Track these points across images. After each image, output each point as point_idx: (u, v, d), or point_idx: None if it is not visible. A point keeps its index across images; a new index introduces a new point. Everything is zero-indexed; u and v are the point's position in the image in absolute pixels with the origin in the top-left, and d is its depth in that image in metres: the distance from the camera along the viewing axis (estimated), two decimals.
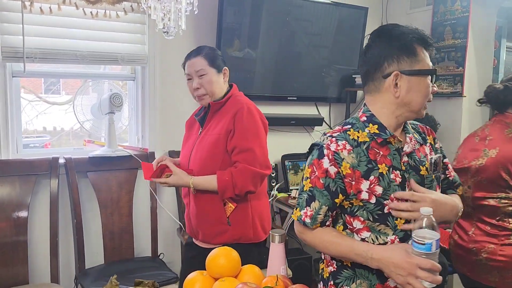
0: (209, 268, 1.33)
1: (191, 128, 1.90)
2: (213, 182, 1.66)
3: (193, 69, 1.76)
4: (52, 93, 3.28)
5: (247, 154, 1.66)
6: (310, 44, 3.02)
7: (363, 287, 1.22)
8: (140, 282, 1.26)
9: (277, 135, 3.10)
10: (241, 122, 1.68)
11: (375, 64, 1.20)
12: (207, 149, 1.72)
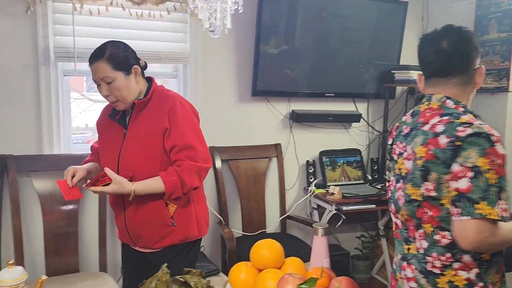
0: (253, 259, 1.38)
1: (108, 130, 1.69)
2: (158, 185, 1.54)
3: (98, 76, 1.57)
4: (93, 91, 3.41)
5: (189, 151, 1.57)
6: (347, 40, 3.01)
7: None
8: (189, 271, 1.32)
9: (315, 131, 3.11)
10: (177, 119, 1.58)
11: (467, 60, 1.23)
12: (143, 151, 1.58)
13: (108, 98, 1.59)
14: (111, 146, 1.64)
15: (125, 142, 1.61)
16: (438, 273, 1.18)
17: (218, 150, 2.78)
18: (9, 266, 1.09)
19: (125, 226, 1.66)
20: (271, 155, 2.96)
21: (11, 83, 2.31)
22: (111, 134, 1.67)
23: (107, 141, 1.68)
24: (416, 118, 1.27)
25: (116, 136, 1.64)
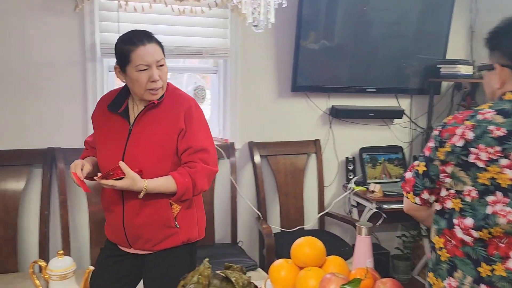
0: (294, 257, 1.37)
1: (108, 123, 1.58)
2: (170, 185, 1.49)
3: (154, 58, 1.48)
4: None
5: (203, 154, 1.54)
6: (389, 34, 2.92)
7: None
8: (230, 266, 1.32)
9: (355, 127, 3.05)
10: (192, 121, 1.54)
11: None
12: (155, 151, 1.52)
13: (156, 83, 1.49)
14: (113, 140, 1.55)
15: (131, 138, 1.53)
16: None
17: (257, 145, 2.78)
18: (58, 256, 1.13)
19: (122, 226, 1.56)
20: (310, 151, 2.93)
21: (60, 78, 2.40)
22: (112, 127, 1.57)
23: (108, 135, 1.57)
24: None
25: (119, 130, 1.55)
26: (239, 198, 2.72)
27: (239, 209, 2.72)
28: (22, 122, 2.38)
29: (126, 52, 1.47)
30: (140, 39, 1.48)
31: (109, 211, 1.60)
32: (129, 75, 1.49)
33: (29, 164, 2.37)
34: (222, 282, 1.25)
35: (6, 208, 2.29)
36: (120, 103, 1.57)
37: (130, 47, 1.46)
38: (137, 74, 1.47)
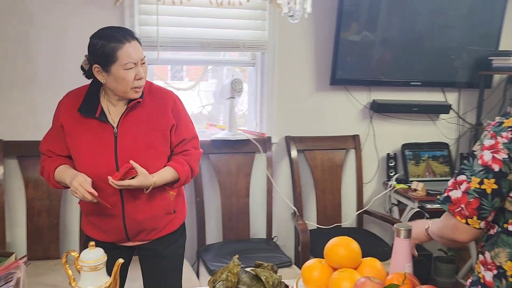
0: (328, 257, 1.31)
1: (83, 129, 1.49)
2: (172, 175, 1.53)
3: (139, 56, 1.45)
4: (176, 79, 3.53)
5: (194, 141, 1.63)
6: (437, 24, 2.77)
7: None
8: (260, 264, 1.29)
9: (398, 122, 2.92)
10: (180, 114, 1.58)
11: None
12: (150, 150, 1.51)
13: (140, 81, 1.46)
14: (98, 146, 1.48)
15: (120, 141, 1.48)
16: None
17: (293, 139, 2.73)
18: (90, 247, 1.14)
19: (123, 225, 1.54)
20: (348, 146, 2.83)
21: None
22: (93, 133, 1.49)
23: (89, 142, 1.48)
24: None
25: (102, 135, 1.48)
26: (275, 193, 2.69)
27: (274, 204, 2.69)
28: None
29: (111, 50, 1.40)
30: (124, 36, 1.43)
31: (104, 215, 1.54)
32: (114, 74, 1.43)
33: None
34: (252, 280, 1.22)
35: (49, 196, 2.37)
36: (93, 106, 1.49)
37: (116, 45, 1.41)
38: (123, 72, 1.42)
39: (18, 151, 2.36)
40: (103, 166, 1.46)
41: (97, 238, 1.57)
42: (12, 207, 2.41)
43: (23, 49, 2.34)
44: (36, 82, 2.39)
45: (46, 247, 2.36)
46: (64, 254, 1.17)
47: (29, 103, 2.39)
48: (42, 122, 2.42)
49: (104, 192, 1.46)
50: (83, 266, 1.12)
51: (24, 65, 2.36)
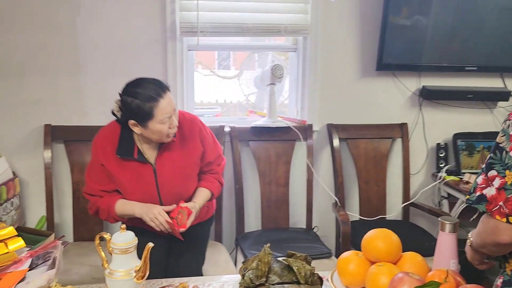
0: (365, 250, 1.25)
1: (124, 168, 1.64)
2: (208, 195, 1.76)
3: (172, 108, 1.58)
4: (223, 68, 3.52)
5: (219, 159, 1.84)
6: (496, 6, 2.55)
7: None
8: (293, 254, 1.24)
9: (449, 110, 2.75)
10: (206, 140, 1.75)
11: None
12: (184, 178, 1.70)
13: (174, 129, 1.61)
14: (141, 183, 1.64)
15: (159, 177, 1.65)
16: None
17: (336, 127, 2.63)
18: (121, 230, 1.14)
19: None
20: (395, 135, 2.70)
21: (142, 58, 2.47)
22: (134, 171, 1.64)
23: (133, 179, 1.64)
24: None
25: (143, 172, 1.64)
26: (315, 182, 2.61)
27: (315, 194, 2.61)
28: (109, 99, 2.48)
29: (148, 109, 1.52)
30: (157, 92, 1.54)
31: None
32: (150, 128, 1.55)
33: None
34: (283, 270, 1.17)
35: None
36: (130, 148, 1.62)
37: (153, 104, 1.51)
38: (160, 126, 1.55)
39: (65, 135, 2.45)
40: (149, 199, 1.63)
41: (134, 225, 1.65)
42: (60, 190, 2.52)
43: (70, 37, 2.41)
44: (82, 69, 2.45)
45: (91, 229, 2.44)
46: (97, 236, 1.18)
47: (75, 90, 2.47)
48: (87, 108, 2.50)
49: (147, 194, 1.66)
50: (114, 249, 1.12)
51: (71, 53, 2.43)
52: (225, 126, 2.54)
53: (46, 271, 1.12)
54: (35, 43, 2.39)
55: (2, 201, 2.16)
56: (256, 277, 1.13)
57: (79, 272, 2.03)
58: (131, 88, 1.57)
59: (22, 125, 2.46)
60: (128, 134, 1.63)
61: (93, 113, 2.50)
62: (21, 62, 2.40)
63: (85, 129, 2.46)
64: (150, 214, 1.57)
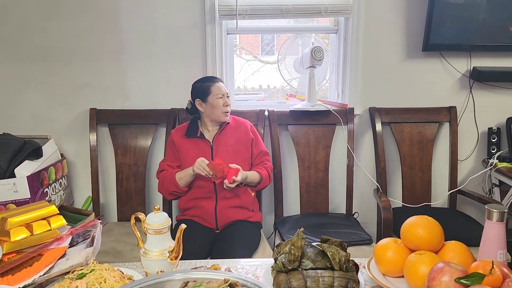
0: (405, 237, 1.19)
1: (190, 145, 2.12)
2: (256, 177, 2.12)
3: (225, 90, 2.14)
4: (266, 53, 3.48)
5: (267, 156, 2.24)
6: None
7: None
8: (327, 239, 1.21)
9: (503, 93, 2.57)
10: (256, 134, 2.23)
11: None
12: (235, 156, 2.08)
13: (227, 107, 2.13)
14: (199, 155, 2.05)
15: (215, 150, 2.10)
16: None
17: (379, 111, 2.54)
18: (155, 211, 1.16)
19: (215, 212, 2.06)
20: (442, 119, 2.56)
21: (181, 41, 2.49)
22: (196, 147, 2.12)
23: (194, 153, 2.08)
24: None
25: (202, 148, 2.11)
26: (356, 168, 2.55)
27: (356, 179, 2.55)
28: (150, 83, 2.55)
29: (207, 87, 2.13)
30: (214, 78, 2.19)
31: (200, 202, 2.09)
32: (210, 102, 2.11)
33: (156, 123, 2.54)
34: (317, 256, 1.14)
35: (136, 162, 2.51)
36: (194, 130, 2.15)
37: (210, 83, 2.14)
38: (216, 101, 2.10)
39: (109, 119, 2.52)
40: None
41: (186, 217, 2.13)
42: (105, 172, 2.61)
43: (113, 21, 2.46)
44: (125, 53, 2.51)
45: (134, 209, 2.52)
46: (132, 216, 1.21)
47: (118, 74, 2.53)
48: (130, 92, 2.56)
49: (204, 189, 2.08)
50: (149, 229, 1.14)
51: (114, 37, 2.48)
52: (265, 110, 2.52)
53: (84, 248, 1.16)
54: (80, 28, 2.46)
55: (51, 181, 2.27)
56: (288, 262, 1.11)
57: (123, 249, 2.11)
58: (198, 79, 2.20)
59: (69, 108, 2.56)
60: (194, 122, 2.18)
61: (135, 97, 2.56)
62: (68, 47, 2.49)
63: (128, 113, 2.53)
64: (196, 164, 1.98)
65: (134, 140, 2.52)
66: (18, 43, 2.48)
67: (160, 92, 2.55)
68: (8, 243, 1.15)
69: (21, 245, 1.17)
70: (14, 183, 2.01)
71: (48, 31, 2.47)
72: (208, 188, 2.08)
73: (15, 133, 2.36)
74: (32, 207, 1.27)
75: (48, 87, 2.54)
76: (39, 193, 2.13)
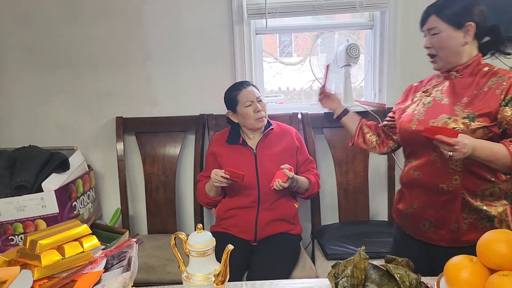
0: (483, 255, 1.04)
1: (231, 152, 2.02)
2: (305, 182, 2.00)
3: (254, 95, 2.00)
4: (285, 55, 3.37)
5: (313, 164, 2.14)
6: None
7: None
8: (393, 259, 1.07)
9: None
10: (301, 141, 2.12)
11: None
12: (280, 163, 1.92)
13: (261, 113, 2.01)
14: (244, 164, 1.98)
15: (259, 159, 1.99)
16: None
17: None
18: (198, 230, 1.04)
19: (255, 223, 1.95)
20: None
21: (209, 43, 2.38)
22: (238, 154, 2.01)
23: (236, 160, 1.99)
24: None
25: (245, 155, 2.01)
26: (398, 171, 2.38)
27: (397, 184, 2.38)
28: (177, 89, 2.45)
29: (234, 96, 2.02)
30: (242, 84, 2.05)
31: (241, 211, 1.98)
32: (239, 112, 2.01)
33: (184, 130, 2.44)
34: (382, 279, 1.01)
35: (165, 171, 2.41)
36: (236, 137, 2.05)
37: (237, 92, 2.02)
38: (245, 109, 1.98)
39: (136, 127, 2.43)
40: (247, 178, 1.88)
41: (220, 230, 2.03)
42: (133, 182, 2.52)
43: (138, 26, 2.37)
44: (151, 58, 2.41)
45: (164, 221, 2.42)
46: (172, 236, 1.09)
47: (145, 81, 2.44)
48: (157, 98, 2.46)
49: (249, 198, 1.96)
50: (191, 251, 1.02)
51: (139, 42, 2.39)
52: (298, 113, 2.39)
53: (121, 273, 1.05)
54: (105, 34, 2.38)
55: (79, 194, 2.19)
56: (351, 286, 0.98)
57: (155, 264, 2.00)
58: (227, 89, 2.09)
59: (95, 117, 2.48)
60: (235, 129, 2.08)
61: (163, 103, 2.47)
62: (92, 54, 2.41)
63: (155, 120, 2.43)
64: (212, 178, 1.89)
65: (162, 148, 2.42)
66: (41, 50, 2.42)
67: (188, 97, 2.45)
68: (39, 268, 1.05)
69: (53, 270, 1.06)
70: (42, 197, 1.93)
71: (72, 38, 2.40)
72: (252, 196, 1.96)
73: (41, 144, 2.29)
74: (62, 226, 1.16)
75: (73, 96, 2.47)
76: (68, 207, 2.05)
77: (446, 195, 1.40)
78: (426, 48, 1.49)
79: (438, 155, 1.39)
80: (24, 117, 2.50)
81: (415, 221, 1.50)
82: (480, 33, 1.42)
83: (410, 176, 1.50)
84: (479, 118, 1.33)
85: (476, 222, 1.39)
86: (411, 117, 1.49)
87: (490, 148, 1.29)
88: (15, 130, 2.50)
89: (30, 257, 1.07)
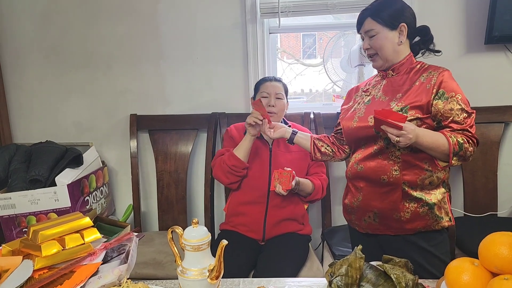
0: (484, 258, 1.01)
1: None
2: (308, 182, 1.98)
3: (274, 90, 2.02)
4: (307, 57, 3.35)
5: (323, 168, 2.12)
6: None
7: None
8: (390, 259, 1.05)
9: None
10: None
11: None
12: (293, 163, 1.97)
13: (272, 108, 2.00)
14: (258, 157, 2.01)
15: (273, 154, 2.01)
16: None
17: None
18: (193, 225, 1.04)
19: (264, 222, 1.96)
20: (509, 119, 2.31)
21: (222, 42, 2.39)
22: (255, 147, 2.00)
23: (252, 153, 1.98)
24: None
25: (261, 149, 2.03)
26: None
27: None
28: (190, 87, 2.47)
29: (258, 85, 2.09)
30: (269, 78, 2.08)
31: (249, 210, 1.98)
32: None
33: (196, 128, 2.45)
34: (378, 278, 0.99)
35: (177, 169, 2.44)
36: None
37: (262, 81, 2.08)
38: (260, 99, 1.92)
39: (149, 124, 2.47)
40: (261, 172, 1.98)
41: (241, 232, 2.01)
42: (146, 179, 2.55)
43: (152, 26, 2.41)
44: (164, 57, 2.44)
45: (175, 218, 2.44)
46: (169, 230, 1.10)
47: (158, 78, 2.47)
48: (170, 97, 2.49)
49: (257, 192, 1.97)
50: (186, 245, 1.03)
51: (153, 41, 2.42)
52: (310, 112, 2.38)
53: (118, 265, 1.06)
54: (120, 34, 2.43)
55: (92, 190, 2.23)
56: (345, 285, 0.96)
57: (164, 260, 2.02)
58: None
59: (110, 115, 2.53)
60: None
61: (176, 102, 2.49)
62: (108, 53, 2.46)
63: (168, 118, 2.46)
64: (247, 119, 1.89)
65: (175, 146, 2.45)
66: (60, 50, 2.48)
67: (201, 96, 2.46)
68: (40, 258, 1.07)
69: (53, 260, 1.09)
70: (55, 191, 1.98)
71: (89, 38, 2.45)
72: (263, 190, 1.97)
73: (58, 140, 2.35)
74: (65, 219, 1.19)
75: (89, 94, 2.52)
76: (80, 202, 2.09)
77: (388, 186, 1.47)
78: (365, 50, 1.59)
79: (378, 148, 1.47)
80: (43, 113, 2.56)
81: (360, 213, 1.56)
82: (411, 33, 1.56)
83: (354, 170, 1.56)
84: (412, 110, 1.42)
85: (417, 210, 1.46)
86: (352, 115, 1.58)
87: (431, 137, 1.39)
88: (33, 126, 2.58)
89: (32, 247, 1.10)
